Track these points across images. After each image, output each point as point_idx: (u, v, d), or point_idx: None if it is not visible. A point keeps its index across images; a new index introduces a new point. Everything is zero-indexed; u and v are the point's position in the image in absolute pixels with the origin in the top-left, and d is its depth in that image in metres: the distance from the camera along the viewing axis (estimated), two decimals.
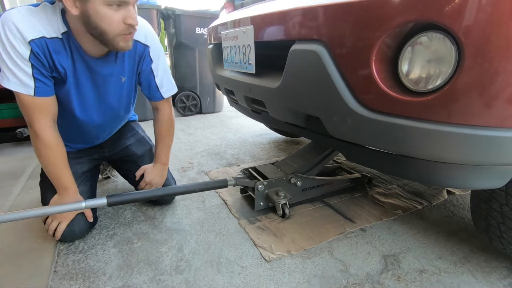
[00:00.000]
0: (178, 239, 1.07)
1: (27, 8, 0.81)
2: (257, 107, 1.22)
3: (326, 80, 0.75)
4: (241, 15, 1.13)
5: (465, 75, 0.56)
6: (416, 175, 0.77)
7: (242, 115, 3.23)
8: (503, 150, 0.62)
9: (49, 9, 0.83)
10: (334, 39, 0.72)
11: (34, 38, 0.80)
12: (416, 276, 0.90)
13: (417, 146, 0.67)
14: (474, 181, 0.71)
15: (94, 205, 0.96)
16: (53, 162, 0.95)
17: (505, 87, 0.56)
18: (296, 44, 0.83)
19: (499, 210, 0.83)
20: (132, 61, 1.02)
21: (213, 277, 0.90)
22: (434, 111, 0.61)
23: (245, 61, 1.12)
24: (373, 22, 0.64)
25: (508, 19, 0.52)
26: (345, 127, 0.78)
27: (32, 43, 0.80)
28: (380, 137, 0.72)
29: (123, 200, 1.01)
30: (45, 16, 0.82)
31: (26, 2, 3.54)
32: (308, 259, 0.97)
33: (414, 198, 1.35)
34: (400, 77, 0.65)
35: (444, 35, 0.57)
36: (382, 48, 0.64)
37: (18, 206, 1.30)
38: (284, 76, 0.90)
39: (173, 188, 1.13)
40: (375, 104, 0.69)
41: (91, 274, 0.91)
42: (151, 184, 1.21)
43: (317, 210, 1.26)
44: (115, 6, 0.77)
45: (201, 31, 2.94)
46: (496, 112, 0.58)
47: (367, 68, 0.66)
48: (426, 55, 0.61)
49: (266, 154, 1.99)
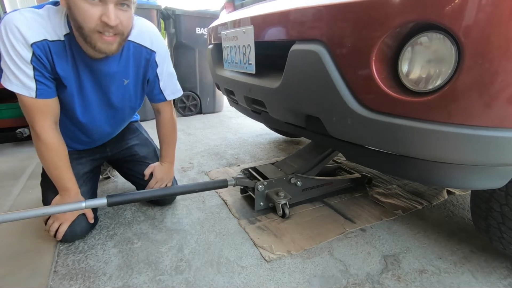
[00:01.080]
0: (178, 239, 1.07)
1: (30, 10, 0.81)
2: (257, 107, 1.22)
3: (326, 80, 0.75)
4: (241, 15, 1.13)
5: (465, 75, 0.56)
6: (416, 175, 0.77)
7: (242, 115, 3.23)
8: (503, 150, 0.62)
9: (52, 12, 0.83)
10: (334, 39, 0.72)
11: (37, 41, 0.80)
12: (416, 276, 0.90)
13: (417, 146, 0.67)
14: (474, 181, 0.71)
15: (94, 205, 0.96)
16: (55, 163, 0.95)
17: (505, 87, 0.56)
18: (296, 44, 0.83)
19: (499, 210, 0.83)
20: (137, 65, 1.02)
21: (213, 277, 0.90)
22: (434, 111, 0.61)
23: (245, 61, 1.12)
24: (373, 22, 0.64)
25: (508, 19, 0.52)
26: (345, 127, 0.78)
27: (34, 46, 0.80)
28: (380, 137, 0.72)
29: (123, 200, 1.01)
30: (48, 18, 0.82)
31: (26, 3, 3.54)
32: (308, 259, 0.97)
33: (414, 198, 1.35)
34: (400, 77, 0.65)
35: (444, 35, 0.57)
36: (382, 48, 0.64)
37: (18, 206, 1.30)
38: (284, 76, 0.90)
39: (173, 188, 1.13)
40: (375, 104, 0.69)
41: (91, 274, 0.91)
42: (162, 182, 1.23)
43: (317, 210, 1.26)
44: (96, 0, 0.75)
45: (201, 31, 2.94)
46: (496, 112, 0.58)
47: (367, 68, 0.66)
48: (426, 55, 0.61)
49: (266, 154, 1.99)
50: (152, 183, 1.22)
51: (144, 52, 1.00)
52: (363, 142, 0.79)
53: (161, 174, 1.24)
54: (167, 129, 1.20)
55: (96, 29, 0.78)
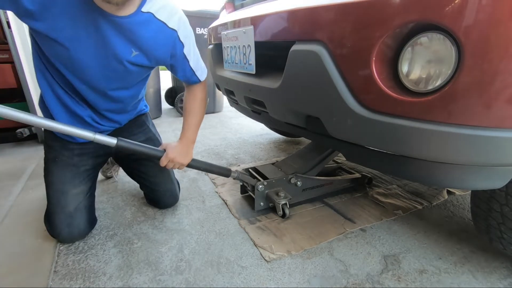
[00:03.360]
0: (178, 239, 1.07)
1: None
2: (257, 108, 1.22)
3: (326, 80, 0.75)
4: (241, 16, 1.13)
5: (465, 76, 0.56)
6: (416, 176, 0.77)
7: (242, 116, 3.23)
8: (503, 150, 0.62)
9: None
10: (334, 39, 0.72)
11: None
12: (416, 276, 0.90)
13: (417, 146, 0.67)
14: (474, 181, 0.71)
15: (104, 141, 0.93)
16: None
17: (505, 87, 0.56)
18: (296, 45, 0.83)
19: (499, 211, 0.83)
20: (153, 41, 0.90)
21: (213, 277, 0.90)
22: (434, 111, 0.61)
23: (245, 61, 1.12)
24: (373, 22, 0.64)
25: (508, 20, 0.52)
26: (345, 128, 0.78)
27: None
28: (380, 137, 0.72)
29: (131, 147, 0.98)
30: None
31: None
32: (308, 259, 0.97)
33: (414, 198, 1.35)
34: (400, 78, 0.65)
35: (444, 35, 0.57)
36: (382, 49, 0.64)
37: (18, 206, 1.30)
38: (284, 77, 0.90)
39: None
40: (375, 105, 0.69)
41: (91, 274, 0.91)
42: (174, 162, 1.07)
43: (317, 210, 1.26)
44: None
45: (201, 31, 2.94)
46: (496, 112, 0.58)
47: (367, 69, 0.66)
48: (426, 56, 0.61)
49: (266, 154, 1.99)
50: (163, 162, 1.06)
51: (165, 31, 0.91)
52: (363, 142, 0.79)
53: (175, 153, 1.06)
54: (197, 104, 1.12)
55: None
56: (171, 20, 0.91)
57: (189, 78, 1.06)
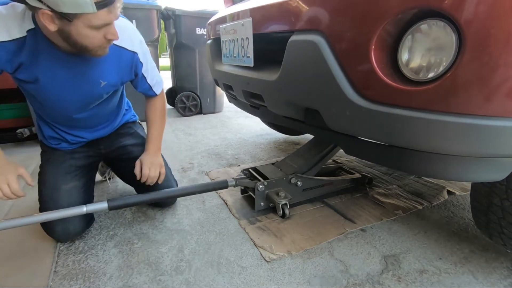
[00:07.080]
0: (178, 240, 1.07)
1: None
2: (255, 102, 1.21)
3: (324, 70, 0.73)
4: (239, 8, 1.13)
5: (466, 64, 0.55)
6: (415, 168, 0.75)
7: (242, 116, 3.23)
8: (504, 140, 0.61)
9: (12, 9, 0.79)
10: (332, 28, 0.71)
11: None
12: (417, 276, 0.90)
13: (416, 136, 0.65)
14: (474, 173, 0.69)
15: (95, 209, 0.96)
16: None
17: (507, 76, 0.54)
18: (294, 35, 0.82)
19: (499, 205, 0.82)
20: (117, 67, 0.99)
21: (213, 277, 0.90)
22: (434, 100, 0.60)
23: (243, 54, 1.11)
24: (372, 10, 0.62)
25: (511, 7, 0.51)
26: (344, 119, 0.77)
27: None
28: (379, 128, 0.70)
29: (124, 204, 1.01)
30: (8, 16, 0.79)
31: None
32: (309, 259, 0.97)
33: (415, 199, 1.35)
34: (400, 67, 0.64)
35: (445, 22, 0.56)
36: (382, 37, 0.63)
37: (18, 206, 1.30)
38: (282, 68, 0.89)
39: (173, 190, 1.12)
40: (374, 95, 0.68)
41: (91, 275, 0.91)
42: (153, 166, 1.13)
43: (317, 211, 1.25)
44: (101, 24, 0.77)
45: (201, 31, 2.94)
46: (497, 101, 0.57)
47: (367, 58, 0.65)
48: (427, 43, 0.59)
49: (266, 154, 1.99)
50: (146, 172, 1.12)
51: (125, 54, 0.99)
52: (362, 134, 0.77)
53: (150, 159, 1.14)
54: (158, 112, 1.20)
55: (103, 46, 0.84)
56: (132, 44, 1.00)
57: (147, 92, 1.16)
